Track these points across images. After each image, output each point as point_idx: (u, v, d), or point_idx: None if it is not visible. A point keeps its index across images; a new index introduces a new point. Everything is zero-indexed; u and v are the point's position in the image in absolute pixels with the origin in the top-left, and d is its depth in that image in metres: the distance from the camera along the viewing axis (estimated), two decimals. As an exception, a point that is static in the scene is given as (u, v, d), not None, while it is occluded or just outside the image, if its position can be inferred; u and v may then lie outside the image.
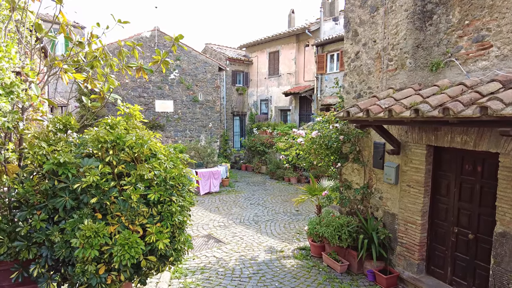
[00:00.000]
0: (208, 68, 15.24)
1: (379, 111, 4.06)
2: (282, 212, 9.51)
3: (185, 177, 3.43)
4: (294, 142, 6.68)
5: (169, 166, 3.25)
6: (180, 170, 3.35)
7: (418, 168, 4.70)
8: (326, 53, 15.86)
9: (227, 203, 10.65)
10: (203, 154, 13.58)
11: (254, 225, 8.32)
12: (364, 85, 5.69)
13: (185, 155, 3.68)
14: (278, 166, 15.30)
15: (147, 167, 3.17)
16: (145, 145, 3.12)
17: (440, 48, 4.33)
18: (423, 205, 4.69)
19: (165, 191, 3.20)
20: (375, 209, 5.53)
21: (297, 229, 8.03)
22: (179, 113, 14.60)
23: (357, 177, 5.90)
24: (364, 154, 5.71)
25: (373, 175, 5.55)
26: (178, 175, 3.31)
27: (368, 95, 5.59)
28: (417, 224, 4.75)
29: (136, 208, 2.98)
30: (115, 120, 3.53)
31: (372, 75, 5.52)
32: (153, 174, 3.15)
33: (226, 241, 7.24)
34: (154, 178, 3.17)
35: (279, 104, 18.56)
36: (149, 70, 4.12)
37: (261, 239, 7.36)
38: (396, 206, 5.11)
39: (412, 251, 4.85)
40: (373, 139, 5.51)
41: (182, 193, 3.48)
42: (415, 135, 4.70)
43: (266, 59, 19.20)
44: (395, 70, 5.05)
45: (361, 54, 5.75)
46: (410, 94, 4.32)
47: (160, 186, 3.19)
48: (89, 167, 2.98)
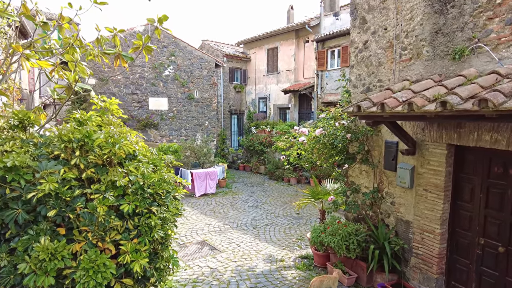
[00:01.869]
0: (205, 65, 14.66)
1: (396, 105, 3.51)
2: (281, 216, 8.96)
3: (168, 183, 2.87)
4: (295, 141, 6.12)
5: (147, 170, 2.68)
6: (161, 175, 2.79)
7: (436, 170, 4.16)
8: (326, 49, 15.31)
9: (223, 205, 10.09)
10: (199, 154, 13.01)
11: (252, 230, 7.77)
12: (374, 77, 5.14)
13: (169, 156, 3.12)
14: (277, 166, 14.75)
15: (120, 172, 2.61)
16: (118, 145, 2.55)
17: (464, 33, 3.78)
18: (442, 212, 4.14)
19: (143, 201, 2.64)
20: (386, 215, 4.98)
21: (298, 234, 7.48)
22: (174, 111, 14.02)
23: (365, 180, 5.36)
24: (374, 154, 5.16)
25: (384, 177, 5.00)
26: (159, 181, 2.75)
27: (378, 89, 5.04)
28: (436, 233, 4.21)
29: (105, 222, 2.41)
30: (86, 115, 2.96)
31: (383, 67, 4.97)
32: (127, 180, 2.58)
33: (222, 248, 6.68)
34: (128, 185, 2.61)
35: (278, 102, 17.99)
36: (128, 58, 3.55)
37: (259, 246, 6.81)
38: (410, 212, 4.57)
39: (429, 264, 4.31)
40: (384, 137, 4.96)
41: (166, 201, 2.91)
42: (434, 133, 4.15)
43: (265, 56, 18.63)
44: (410, 60, 4.50)
45: (370, 44, 5.20)
46: (430, 85, 3.77)
47: (137, 194, 2.63)
48: (48, 171, 2.42)
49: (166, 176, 2.84)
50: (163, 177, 2.80)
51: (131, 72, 12.94)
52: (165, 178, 2.83)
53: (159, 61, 13.47)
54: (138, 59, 12.99)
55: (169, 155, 3.12)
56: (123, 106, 12.86)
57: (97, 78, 12.31)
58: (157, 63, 13.42)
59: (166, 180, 2.82)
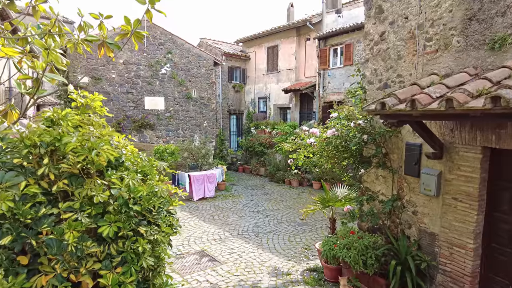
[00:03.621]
0: (203, 63, 14.12)
1: (430, 102, 2.99)
2: (285, 222, 8.44)
3: (160, 197, 2.33)
4: (302, 143, 5.60)
5: (134, 182, 2.14)
6: (151, 187, 2.25)
7: (469, 176, 3.64)
8: (329, 47, 14.81)
9: (223, 210, 9.55)
10: (197, 155, 12.47)
11: (255, 238, 7.23)
12: (392, 72, 4.62)
13: (162, 163, 2.58)
14: (278, 168, 14.23)
15: (100, 184, 2.07)
16: (95, 150, 2.01)
17: (506, 19, 3.27)
18: (476, 224, 3.63)
19: (128, 220, 2.10)
20: (407, 226, 4.46)
21: (304, 243, 6.96)
22: (170, 111, 13.46)
23: (382, 186, 4.84)
24: (392, 158, 4.64)
25: (404, 184, 4.49)
26: (149, 195, 2.21)
27: (398, 85, 4.52)
28: (468, 248, 3.69)
29: (77, 251, 1.87)
30: (60, 113, 2.42)
31: (403, 60, 4.46)
32: (108, 195, 2.04)
33: (222, 259, 6.14)
34: (110, 200, 2.07)
35: (279, 102, 17.47)
36: (115, 46, 3.01)
37: (263, 256, 6.27)
38: (436, 224, 4.05)
39: (460, 283, 3.79)
40: (404, 139, 4.45)
41: (157, 219, 2.38)
42: (466, 134, 3.64)
43: (265, 54, 18.11)
44: (436, 52, 3.98)
45: (387, 35, 4.69)
46: (465, 79, 3.26)
47: (120, 212, 2.09)
48: (4, 185, 1.88)
49: (157, 189, 2.29)
50: (154, 190, 2.26)
51: (126, 70, 12.38)
52: (157, 190, 2.29)
53: (155, 58, 12.92)
54: (133, 57, 12.45)
55: (162, 162, 2.59)
56: (117, 106, 12.31)
57: (90, 76, 11.75)
58: (153, 61, 12.87)
59: (158, 193, 2.28)
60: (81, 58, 11.55)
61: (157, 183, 2.35)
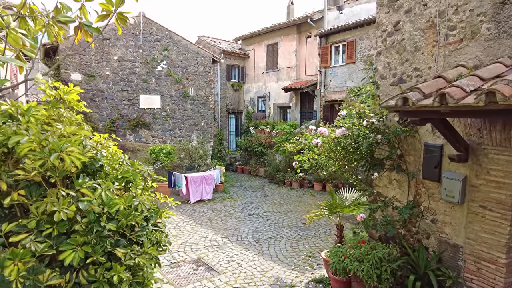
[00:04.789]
0: (200, 60, 13.66)
1: (463, 96, 2.56)
2: (286, 226, 8.00)
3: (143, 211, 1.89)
4: (307, 143, 5.16)
5: (107, 194, 1.69)
6: (130, 200, 1.80)
7: (501, 182, 3.21)
8: (330, 45, 14.39)
9: (221, 213, 9.10)
10: (195, 155, 12.01)
11: (255, 245, 6.79)
12: (408, 66, 4.19)
13: (147, 168, 2.14)
14: (278, 168, 13.79)
15: (64, 196, 1.62)
16: (56, 154, 1.56)
17: (549, 1, 2.85)
18: (509, 236, 3.20)
19: (100, 242, 1.65)
20: (425, 235, 4.03)
21: (307, 250, 6.52)
22: (167, 110, 13.00)
23: (396, 191, 4.41)
24: (408, 160, 4.21)
25: (421, 189, 4.05)
26: (129, 209, 1.76)
27: (414, 79, 4.09)
28: (499, 263, 3.26)
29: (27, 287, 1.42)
30: (22, 107, 1.97)
31: (421, 52, 4.02)
32: (74, 210, 1.60)
33: (220, 269, 5.70)
34: (77, 217, 1.62)
35: (278, 101, 17.04)
36: (93, 29, 2.56)
37: (264, 265, 5.83)
38: (460, 234, 3.62)
39: (488, 302, 3.36)
40: (422, 139, 4.02)
41: (141, 237, 1.93)
42: (497, 134, 3.21)
43: (264, 52, 17.66)
44: (461, 42, 3.55)
45: (402, 25, 4.25)
46: (501, 71, 2.83)
47: (91, 232, 1.65)
48: None
49: (137, 202, 1.84)
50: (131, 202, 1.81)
51: (120, 67, 11.91)
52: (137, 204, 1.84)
53: (151, 55, 12.45)
54: (129, 53, 11.97)
55: (147, 167, 2.14)
56: (112, 104, 11.84)
57: (83, 73, 11.27)
58: (149, 58, 12.40)
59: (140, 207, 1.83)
60: (74, 54, 11.07)
61: (138, 194, 1.89)
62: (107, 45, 11.61)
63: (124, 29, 11.93)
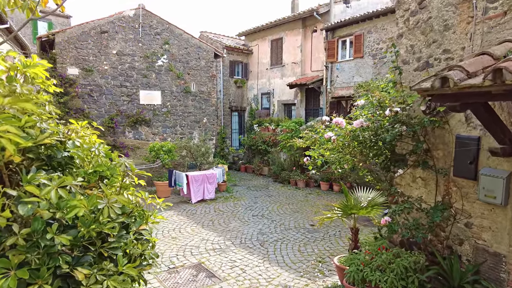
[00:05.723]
0: (202, 54, 13.18)
1: (525, 72, 2.05)
2: (293, 228, 7.49)
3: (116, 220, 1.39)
4: (319, 138, 4.66)
5: (57, 194, 1.20)
6: (93, 202, 1.30)
7: (555, 180, 2.70)
8: (337, 39, 13.85)
9: (224, 214, 8.62)
10: (196, 153, 11.54)
11: (260, 249, 6.29)
12: (436, 47, 3.67)
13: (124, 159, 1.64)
14: (282, 167, 13.30)
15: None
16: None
17: None
18: None
19: (50, 262, 1.16)
20: (456, 241, 3.51)
21: (317, 254, 6.01)
22: (168, 106, 12.52)
23: (421, 191, 3.89)
24: (436, 155, 3.69)
25: (452, 188, 3.54)
26: (95, 214, 1.27)
27: (444, 62, 3.57)
28: (552, 276, 2.75)
29: None
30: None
31: (452, 31, 3.51)
32: (9, 217, 1.10)
33: (223, 275, 5.21)
34: (12, 227, 1.13)
35: (283, 97, 16.52)
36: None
37: (270, 271, 5.34)
38: (503, 241, 3.10)
39: (538, 322, 2.85)
40: (454, 131, 3.50)
41: (115, 250, 1.44)
42: (551, 122, 2.69)
43: (268, 48, 17.14)
44: (504, 15, 3.03)
45: (429, 1, 3.74)
46: None
47: (37, 247, 1.15)
48: None
49: (103, 205, 1.35)
50: (97, 205, 1.31)
51: (119, 61, 11.45)
52: (105, 204, 1.34)
53: (151, 49, 11.98)
54: (128, 47, 11.51)
55: (125, 158, 1.65)
56: (110, 100, 11.39)
57: (80, 67, 10.83)
58: (149, 52, 11.93)
59: (106, 212, 1.34)
60: (70, 47, 10.63)
61: (109, 194, 1.40)
62: (105, 38, 11.15)
63: (123, 22, 11.48)
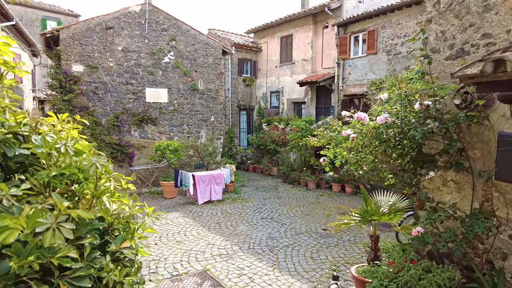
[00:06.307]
0: (210, 51, 12.81)
1: None
2: (305, 232, 7.06)
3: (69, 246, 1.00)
4: (335, 136, 4.23)
5: None
6: (35, 222, 0.91)
7: None
8: (349, 35, 13.35)
9: (231, 216, 8.23)
10: (203, 153, 11.19)
11: (269, 255, 5.88)
12: (474, 32, 3.21)
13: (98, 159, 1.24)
14: (292, 167, 12.88)
15: None
16: None
17: None
18: None
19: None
20: (499, 255, 3.05)
21: (331, 262, 5.58)
22: (174, 104, 12.19)
23: (454, 196, 3.43)
24: (473, 155, 3.23)
25: (493, 193, 3.07)
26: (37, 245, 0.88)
27: (483, 49, 3.11)
28: None
29: None
30: None
31: (493, 12, 3.04)
32: None
33: (229, 284, 4.82)
34: None
35: (292, 96, 16.07)
36: None
37: (281, 281, 4.92)
38: (558, 257, 2.64)
39: None
40: (495, 128, 3.04)
41: (81, 281, 1.04)
42: None
43: (278, 45, 16.71)
44: (562, -10, 2.57)
45: (465, -20, 3.28)
46: None
47: None
48: None
49: (44, 226, 0.96)
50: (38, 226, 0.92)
51: (125, 58, 11.16)
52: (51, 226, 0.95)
53: (157, 46, 11.66)
54: (134, 43, 11.21)
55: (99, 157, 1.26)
56: (116, 98, 11.11)
57: (85, 64, 10.56)
58: (155, 49, 11.62)
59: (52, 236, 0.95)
60: (75, 44, 10.38)
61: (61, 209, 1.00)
62: (110, 34, 10.87)
63: (129, 17, 11.19)
